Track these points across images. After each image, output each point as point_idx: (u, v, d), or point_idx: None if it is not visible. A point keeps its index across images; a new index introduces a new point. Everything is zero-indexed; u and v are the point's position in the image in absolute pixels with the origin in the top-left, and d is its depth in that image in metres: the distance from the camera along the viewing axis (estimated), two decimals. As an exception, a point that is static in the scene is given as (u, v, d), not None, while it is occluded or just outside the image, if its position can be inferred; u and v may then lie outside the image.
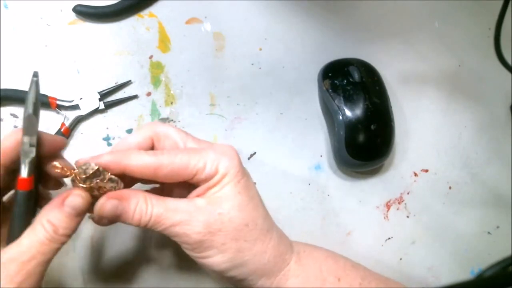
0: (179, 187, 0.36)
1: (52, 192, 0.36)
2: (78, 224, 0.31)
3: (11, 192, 0.33)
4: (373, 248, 0.47)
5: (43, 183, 0.34)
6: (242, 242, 0.33)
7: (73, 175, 0.31)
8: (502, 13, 0.39)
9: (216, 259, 0.33)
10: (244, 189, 0.33)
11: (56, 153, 0.33)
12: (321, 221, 0.47)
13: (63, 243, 0.31)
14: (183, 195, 0.34)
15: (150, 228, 0.32)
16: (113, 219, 0.32)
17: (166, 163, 0.32)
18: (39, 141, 0.31)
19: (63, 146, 0.33)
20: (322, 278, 0.36)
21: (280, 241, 0.35)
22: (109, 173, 0.32)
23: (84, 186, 0.31)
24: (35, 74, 0.30)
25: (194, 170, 0.32)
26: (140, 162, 0.32)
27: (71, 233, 0.31)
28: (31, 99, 0.30)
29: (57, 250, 0.31)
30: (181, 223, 0.32)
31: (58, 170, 0.31)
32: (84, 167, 0.31)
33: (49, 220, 0.30)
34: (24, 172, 0.30)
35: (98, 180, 0.31)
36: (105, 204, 0.31)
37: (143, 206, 0.32)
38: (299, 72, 0.48)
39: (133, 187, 0.36)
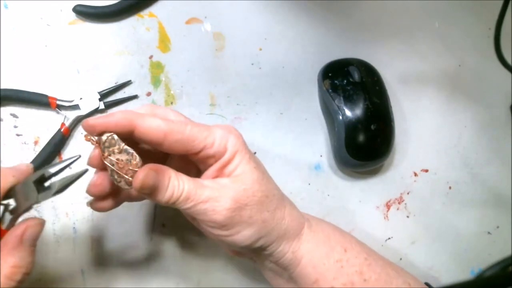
0: (183, 169, 0.35)
1: None
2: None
3: None
4: (373, 248, 0.47)
5: None
6: (265, 212, 0.34)
7: (96, 142, 0.31)
8: (502, 13, 0.39)
9: (245, 233, 0.34)
10: (257, 164, 0.35)
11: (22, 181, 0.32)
12: (321, 221, 0.47)
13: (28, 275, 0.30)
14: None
15: (177, 205, 0.32)
16: (146, 193, 0.31)
17: (177, 130, 0.31)
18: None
19: (29, 173, 0.33)
20: (330, 246, 0.37)
21: (293, 208, 0.37)
22: (124, 144, 0.31)
23: (105, 154, 0.31)
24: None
25: (202, 144, 0.32)
26: (152, 124, 0.31)
27: (32, 267, 0.30)
28: None
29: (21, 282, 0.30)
30: (210, 200, 0.32)
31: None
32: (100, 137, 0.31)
33: (15, 264, 0.29)
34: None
35: (115, 149, 0.31)
36: (148, 174, 0.30)
37: (175, 182, 0.32)
38: (299, 72, 0.48)
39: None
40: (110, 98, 0.45)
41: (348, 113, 0.44)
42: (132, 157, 0.31)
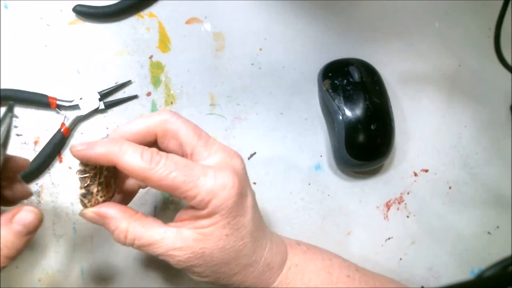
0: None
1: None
2: (24, 245, 0.29)
3: None
4: (373, 248, 0.47)
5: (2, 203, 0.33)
6: (221, 273, 0.33)
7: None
8: (502, 13, 0.39)
9: (197, 279, 0.34)
10: (233, 231, 0.32)
11: (17, 173, 0.33)
12: (321, 221, 0.47)
13: (5, 267, 0.28)
14: None
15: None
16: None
17: (156, 178, 0.30)
18: (4, 165, 0.30)
19: (25, 167, 0.33)
20: None
21: (266, 268, 0.35)
22: (101, 178, 0.32)
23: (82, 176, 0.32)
24: (11, 108, 0.30)
25: (184, 195, 0.31)
26: (131, 165, 0.30)
27: (16, 254, 0.29)
28: (3, 131, 0.30)
29: None
30: (163, 254, 0.32)
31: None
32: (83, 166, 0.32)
33: None
34: None
35: (89, 179, 0.32)
36: (86, 214, 0.32)
37: (121, 235, 0.32)
38: (299, 72, 0.48)
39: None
40: (110, 98, 0.45)
41: (348, 113, 0.44)
42: (103, 192, 0.33)
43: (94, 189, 0.32)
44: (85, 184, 0.32)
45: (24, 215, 0.29)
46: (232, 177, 0.31)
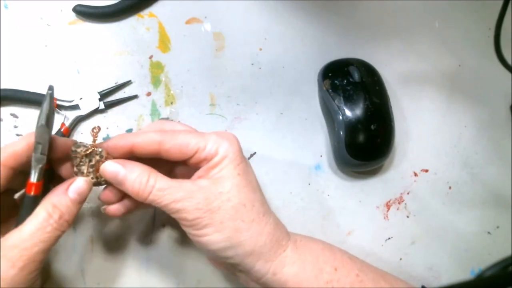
0: (182, 173, 0.38)
1: None
2: (79, 210, 0.33)
3: (21, 192, 0.34)
4: (373, 248, 0.47)
5: (55, 183, 0.35)
6: (239, 222, 0.34)
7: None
8: (502, 13, 0.39)
9: (213, 237, 0.34)
10: (243, 172, 0.35)
11: (67, 155, 0.35)
12: (321, 221, 0.47)
13: (64, 231, 0.32)
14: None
15: (152, 203, 0.33)
16: (116, 184, 0.34)
17: (170, 137, 0.34)
18: (53, 145, 0.33)
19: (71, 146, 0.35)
20: (318, 267, 0.36)
21: (277, 227, 0.36)
22: (92, 161, 0.34)
23: (86, 165, 0.34)
24: (51, 88, 0.32)
25: (195, 148, 0.34)
26: (146, 137, 0.34)
27: (73, 219, 0.32)
28: (45, 110, 0.31)
29: (58, 237, 0.32)
30: (182, 200, 0.33)
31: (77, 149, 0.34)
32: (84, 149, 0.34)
33: (55, 204, 0.31)
34: (33, 177, 0.32)
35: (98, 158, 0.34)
36: (107, 165, 0.34)
37: (144, 179, 0.33)
38: (299, 72, 0.48)
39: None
40: (110, 98, 0.45)
41: (348, 113, 0.44)
42: (94, 175, 0.34)
43: (85, 170, 0.34)
44: (76, 164, 0.34)
45: (77, 183, 0.33)
46: (230, 134, 0.36)
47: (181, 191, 0.33)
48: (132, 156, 0.35)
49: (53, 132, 0.43)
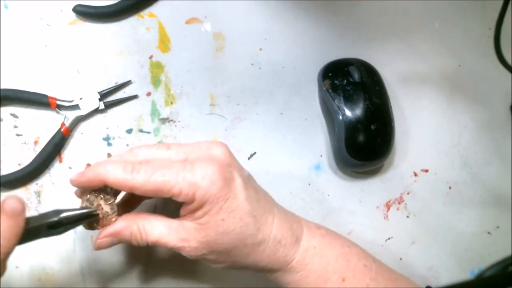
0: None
1: None
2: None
3: None
4: (373, 248, 0.47)
5: None
6: (234, 257, 0.35)
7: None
8: (502, 13, 0.39)
9: (213, 266, 0.35)
10: (229, 214, 0.33)
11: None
12: (321, 221, 0.46)
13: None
14: None
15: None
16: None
17: (139, 184, 0.32)
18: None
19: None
20: (325, 277, 0.36)
21: (278, 245, 0.35)
22: (113, 199, 0.34)
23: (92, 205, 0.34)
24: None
25: (169, 194, 0.32)
26: (116, 179, 0.32)
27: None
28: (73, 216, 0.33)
29: None
30: (174, 247, 0.34)
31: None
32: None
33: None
34: None
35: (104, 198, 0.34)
36: (101, 244, 0.34)
37: (138, 236, 0.34)
38: (299, 72, 0.48)
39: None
40: (110, 98, 0.45)
41: (348, 113, 0.44)
42: (112, 214, 0.34)
43: (106, 212, 0.34)
44: (111, 201, 0.34)
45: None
46: (210, 165, 0.33)
47: (171, 240, 0.33)
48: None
49: (53, 132, 0.43)
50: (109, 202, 0.34)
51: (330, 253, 0.37)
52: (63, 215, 0.32)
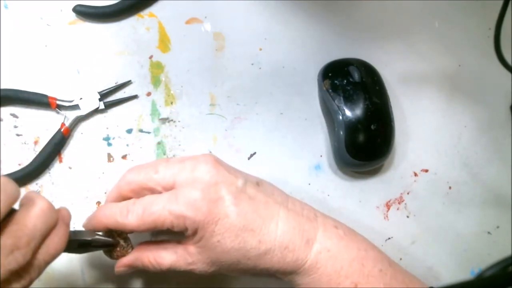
0: None
1: None
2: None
3: None
4: (373, 248, 0.47)
5: None
6: (243, 267, 0.35)
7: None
8: (502, 13, 0.39)
9: (230, 274, 0.37)
10: (223, 234, 0.33)
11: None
12: (321, 221, 0.46)
13: None
14: None
15: None
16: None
17: (135, 226, 0.34)
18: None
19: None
20: (337, 281, 0.35)
21: (285, 251, 0.35)
22: (125, 235, 0.37)
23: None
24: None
25: (164, 228, 0.34)
26: (115, 225, 0.35)
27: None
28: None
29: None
30: (185, 270, 0.36)
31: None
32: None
33: None
34: None
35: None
36: (119, 271, 0.37)
37: (150, 267, 0.36)
38: (299, 72, 0.48)
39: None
40: (110, 98, 0.45)
41: (348, 113, 0.44)
42: (127, 246, 0.37)
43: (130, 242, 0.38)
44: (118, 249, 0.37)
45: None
46: (193, 191, 0.33)
47: (181, 263, 0.35)
48: None
49: (53, 132, 0.43)
50: (123, 237, 0.37)
51: (345, 256, 0.36)
52: (96, 237, 0.35)
